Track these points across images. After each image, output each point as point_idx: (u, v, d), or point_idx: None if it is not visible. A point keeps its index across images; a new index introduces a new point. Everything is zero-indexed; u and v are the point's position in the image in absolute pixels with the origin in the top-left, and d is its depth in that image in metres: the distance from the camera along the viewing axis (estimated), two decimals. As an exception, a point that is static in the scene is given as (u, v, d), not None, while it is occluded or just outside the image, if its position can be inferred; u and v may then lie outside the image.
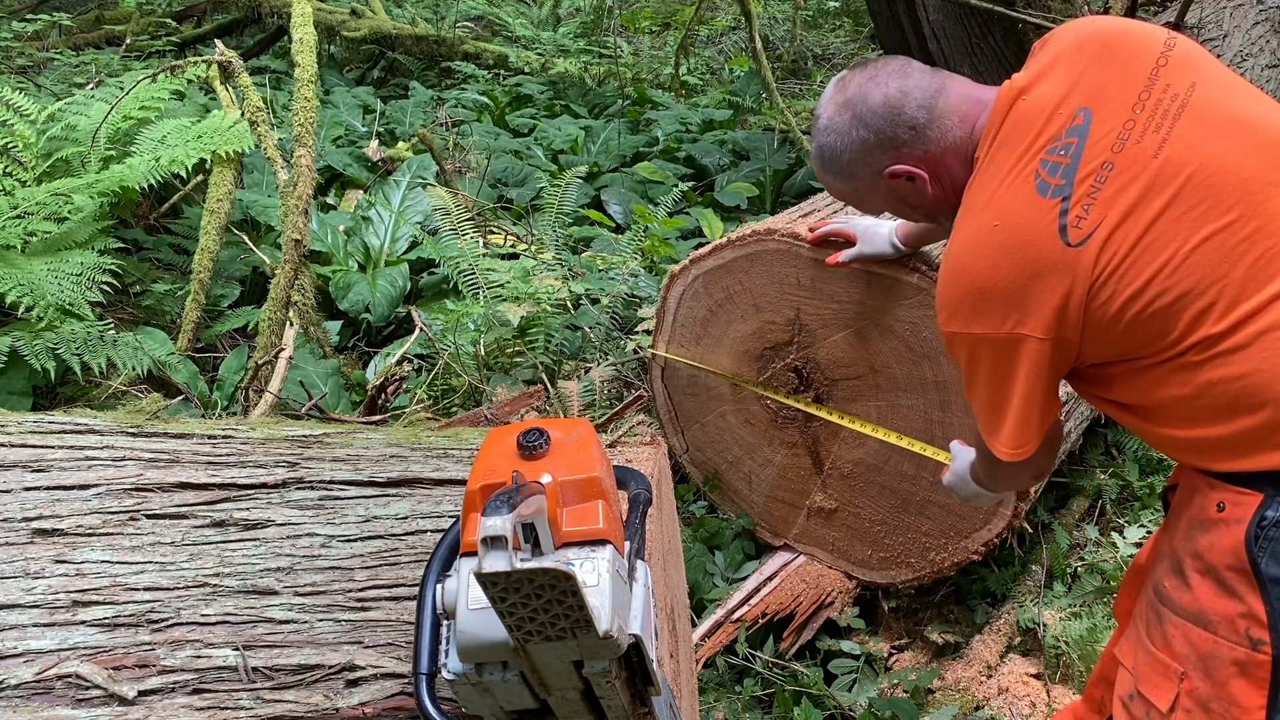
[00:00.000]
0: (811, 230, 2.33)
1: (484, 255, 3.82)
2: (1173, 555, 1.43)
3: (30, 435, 1.50)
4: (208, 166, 3.76)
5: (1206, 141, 1.31)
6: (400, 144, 5.60)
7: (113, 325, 3.10)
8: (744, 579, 2.70)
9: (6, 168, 3.69)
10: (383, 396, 2.70)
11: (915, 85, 1.47)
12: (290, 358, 3.00)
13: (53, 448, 1.47)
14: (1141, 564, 1.80)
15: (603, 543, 1.04)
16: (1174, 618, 1.39)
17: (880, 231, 2.20)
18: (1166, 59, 1.38)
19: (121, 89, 4.10)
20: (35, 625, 1.23)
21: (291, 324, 3.18)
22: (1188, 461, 1.44)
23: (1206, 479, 1.38)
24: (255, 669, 1.20)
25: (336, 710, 1.18)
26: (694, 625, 2.52)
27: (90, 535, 1.33)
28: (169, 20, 6.72)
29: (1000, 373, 1.40)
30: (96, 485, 1.41)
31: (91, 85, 4.90)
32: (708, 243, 2.77)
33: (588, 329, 3.49)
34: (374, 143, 5.46)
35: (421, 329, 3.36)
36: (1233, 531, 1.32)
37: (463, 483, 1.35)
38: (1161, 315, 1.31)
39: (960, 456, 1.81)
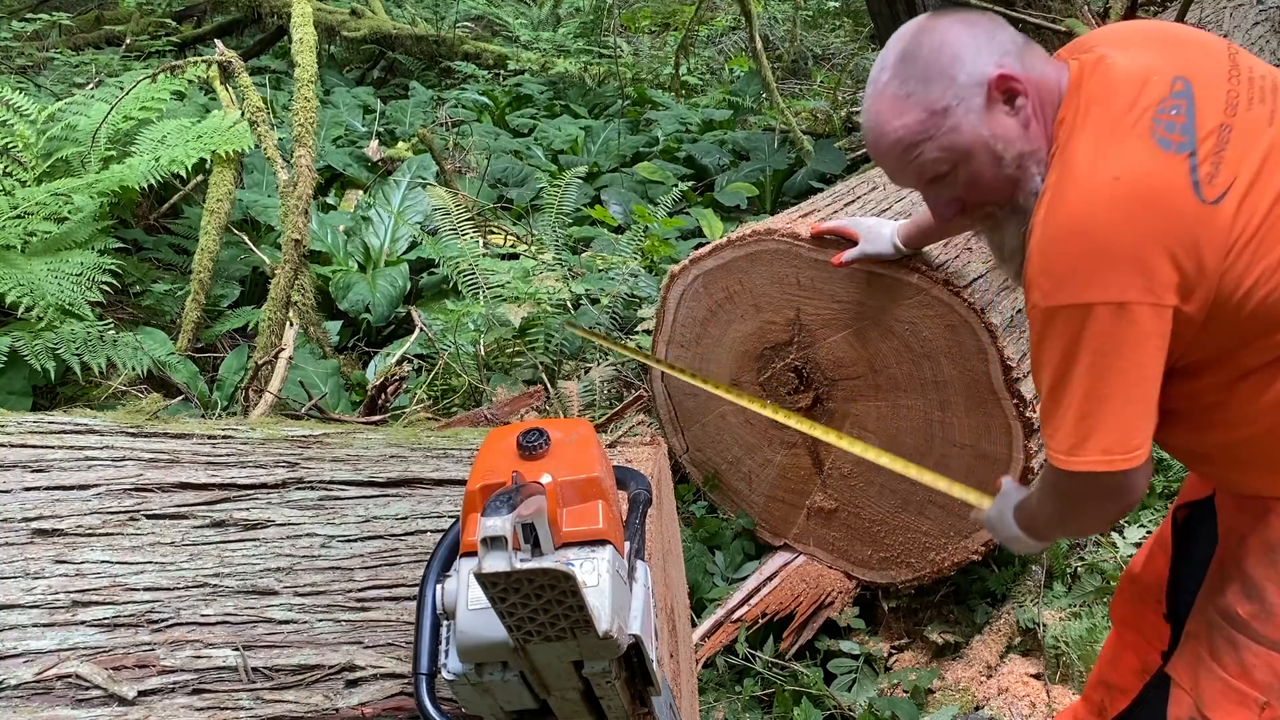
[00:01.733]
0: (813, 227, 2.32)
1: (484, 255, 3.82)
2: (1245, 580, 1.36)
3: (30, 435, 1.50)
4: (208, 166, 3.76)
5: None
6: (400, 144, 5.61)
7: (113, 325, 3.10)
8: (744, 579, 2.70)
9: (6, 168, 3.69)
10: (383, 396, 2.70)
11: (1001, 31, 1.32)
12: (290, 358, 3.00)
13: (53, 448, 1.47)
14: (1136, 572, 1.77)
15: (603, 543, 1.04)
16: (1255, 645, 1.34)
17: (882, 232, 2.18)
18: (1233, 47, 1.33)
19: (121, 89, 4.10)
20: (35, 625, 1.23)
21: (291, 324, 3.18)
22: (1250, 486, 1.37)
23: (1278, 500, 1.31)
24: (255, 669, 1.20)
25: (336, 710, 1.18)
26: (694, 625, 2.52)
27: (90, 535, 1.34)
28: (169, 20, 6.72)
29: (1111, 353, 1.21)
30: (96, 485, 1.41)
31: (91, 85, 4.90)
32: (708, 243, 2.77)
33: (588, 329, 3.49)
34: (374, 143, 5.46)
35: (421, 329, 3.36)
36: None
37: (463, 483, 1.35)
38: None
39: (1008, 494, 1.62)
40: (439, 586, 1.05)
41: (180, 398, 3.00)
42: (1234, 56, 1.31)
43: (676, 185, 4.43)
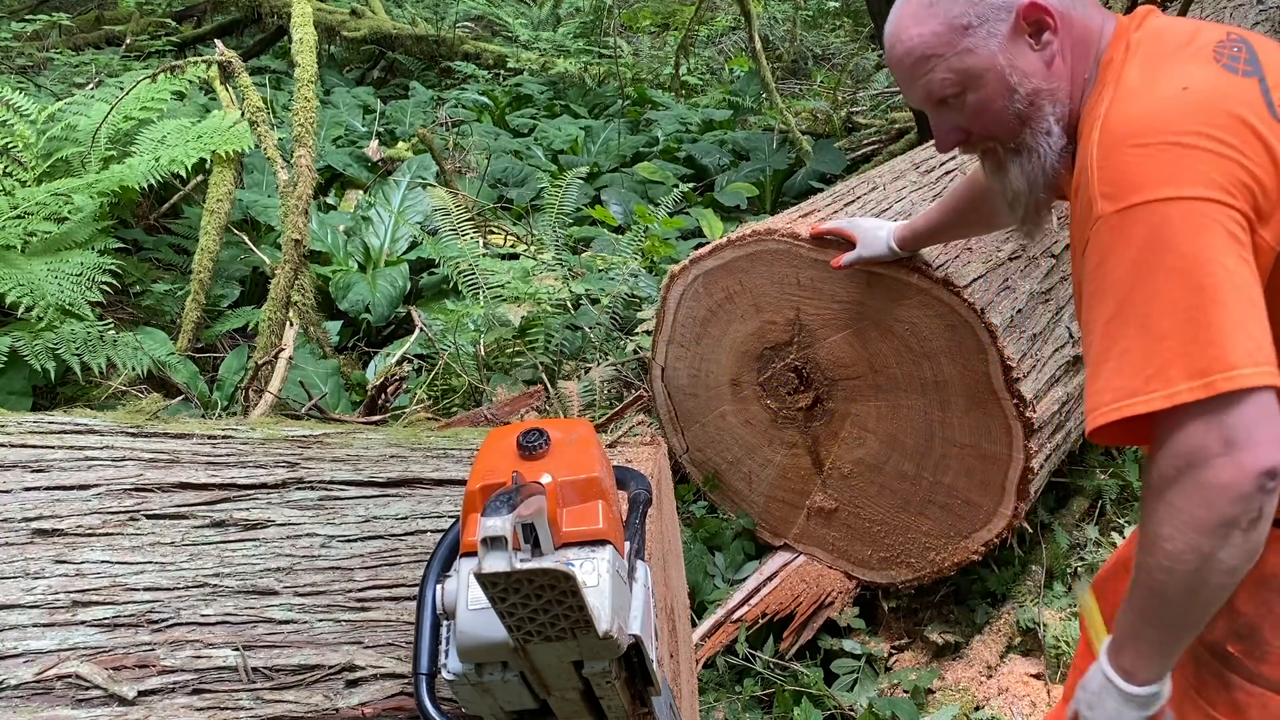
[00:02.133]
0: (813, 228, 2.31)
1: (484, 255, 3.83)
2: (1237, 618, 1.26)
3: (30, 435, 1.50)
4: (208, 166, 3.77)
5: None
6: (400, 144, 5.61)
7: (113, 325, 3.10)
8: (744, 579, 2.70)
9: (6, 168, 3.69)
10: (383, 396, 2.70)
11: None
12: (290, 358, 3.00)
13: (53, 448, 1.47)
14: (1099, 585, 1.71)
15: (603, 543, 1.04)
16: (1248, 685, 1.26)
17: (879, 234, 2.17)
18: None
19: (121, 89, 4.10)
20: (35, 625, 1.23)
21: (291, 324, 3.18)
22: None
23: (1273, 531, 1.13)
24: (255, 669, 1.20)
25: (336, 710, 1.18)
26: (694, 625, 2.53)
27: (90, 535, 1.33)
28: (169, 20, 6.72)
29: (1204, 253, 1.01)
30: (96, 485, 1.41)
31: (91, 85, 4.90)
32: (708, 243, 2.77)
33: (588, 329, 3.49)
34: (374, 143, 5.46)
35: (421, 329, 3.36)
36: None
37: (463, 483, 1.35)
38: None
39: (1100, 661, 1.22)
40: (439, 586, 1.05)
41: (180, 398, 3.00)
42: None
43: (676, 185, 4.43)
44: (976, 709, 2.39)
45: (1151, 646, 1.13)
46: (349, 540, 1.36)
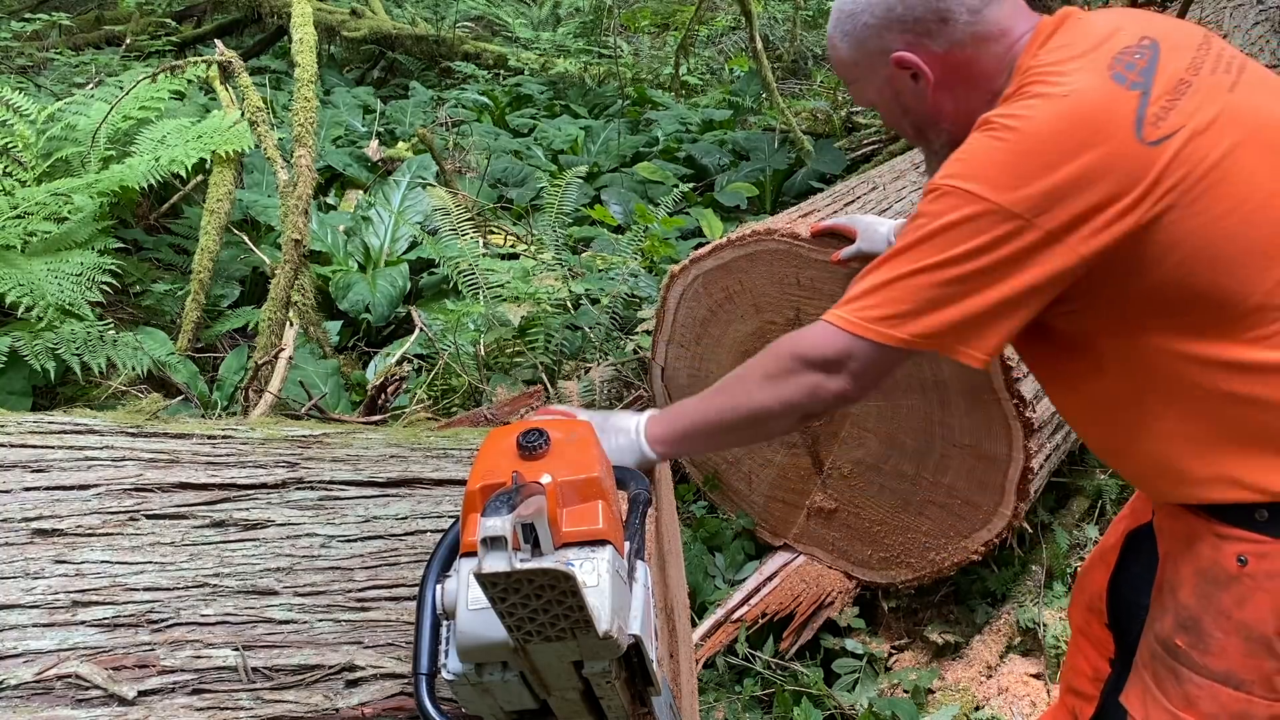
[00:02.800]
0: (812, 226, 2.31)
1: (484, 255, 3.82)
2: (1181, 611, 1.31)
3: (30, 435, 1.50)
4: (208, 166, 3.76)
5: (1272, 101, 1.24)
6: (400, 144, 5.61)
7: (113, 325, 3.10)
8: (744, 579, 2.70)
9: (6, 168, 3.69)
10: (383, 396, 2.70)
11: None
12: (290, 358, 3.00)
13: (53, 448, 1.47)
14: (1082, 580, 1.73)
15: (602, 543, 1.04)
16: (1196, 678, 1.30)
17: (879, 230, 2.17)
18: (1211, 33, 1.33)
19: (121, 89, 4.10)
20: (35, 625, 1.23)
21: (291, 324, 3.18)
22: (1165, 493, 1.32)
23: (1207, 524, 1.27)
24: (255, 669, 1.20)
25: (336, 710, 1.18)
26: (694, 625, 2.53)
27: (90, 535, 1.33)
28: (169, 20, 6.72)
29: (971, 257, 1.18)
30: (96, 485, 1.41)
31: (91, 85, 4.90)
32: (708, 243, 2.77)
33: (588, 329, 3.49)
34: (374, 143, 5.46)
35: (421, 329, 3.36)
36: (1266, 589, 1.22)
37: (463, 483, 1.35)
38: (1235, 265, 1.17)
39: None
40: (439, 586, 1.05)
41: (180, 398, 3.00)
42: (1209, 37, 1.32)
43: (676, 185, 4.43)
44: (976, 709, 2.39)
45: (681, 429, 1.37)
46: (349, 540, 1.36)
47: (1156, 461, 1.30)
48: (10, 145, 3.77)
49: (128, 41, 6.27)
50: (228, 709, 1.17)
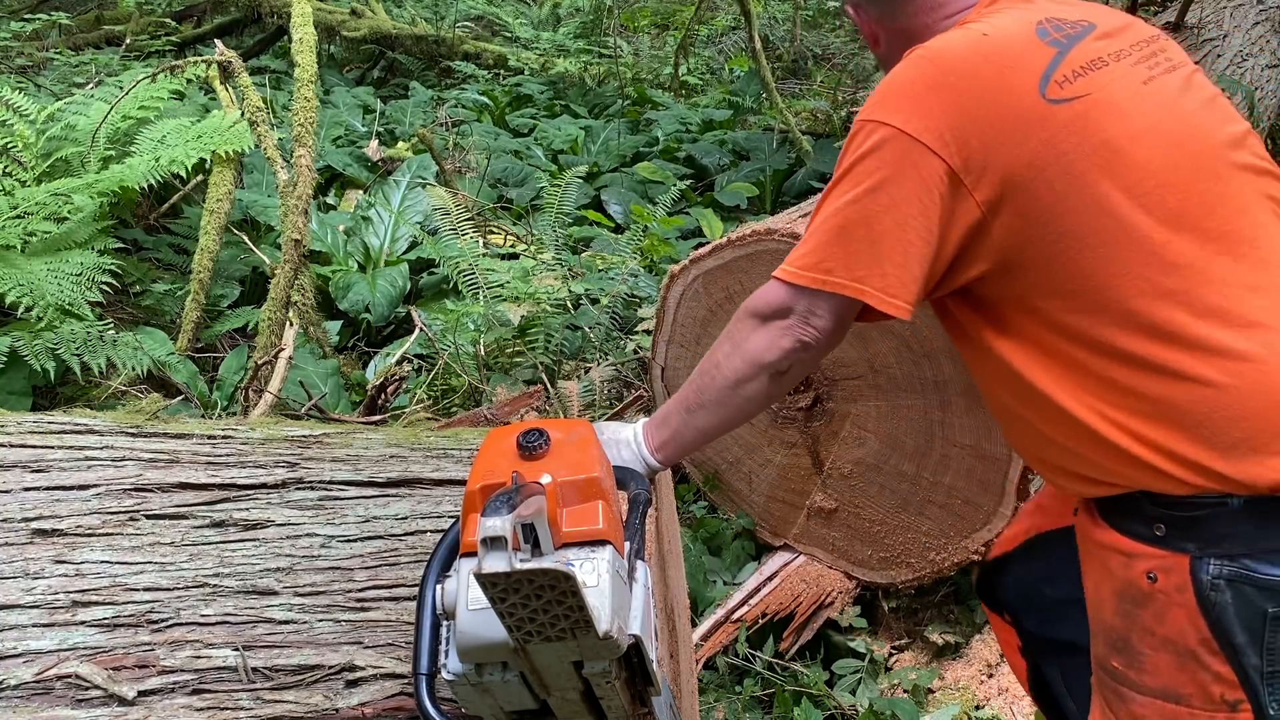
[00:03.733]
0: None
1: (484, 255, 3.82)
2: (1110, 633, 1.31)
3: (30, 435, 1.50)
4: (208, 166, 3.76)
5: (1181, 102, 1.27)
6: (400, 144, 5.61)
7: (113, 325, 3.10)
8: (744, 579, 2.69)
9: (6, 168, 3.69)
10: (383, 396, 2.70)
11: None
12: (290, 358, 3.00)
13: (52, 448, 1.47)
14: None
15: (602, 543, 1.04)
16: (1139, 697, 1.29)
17: None
18: (1166, 38, 1.36)
19: (121, 89, 4.10)
20: (35, 625, 1.23)
21: (291, 324, 3.18)
22: (1079, 486, 1.31)
23: (1114, 538, 1.26)
24: (255, 669, 1.20)
25: (336, 710, 1.18)
26: (694, 625, 2.52)
27: (90, 535, 1.34)
28: (169, 20, 6.72)
29: (886, 186, 1.20)
30: (96, 485, 1.41)
31: (91, 85, 4.90)
32: (708, 243, 2.77)
33: (588, 329, 3.49)
34: (374, 143, 5.46)
35: (421, 329, 3.36)
36: (1179, 603, 1.21)
37: (463, 483, 1.35)
38: (1131, 236, 1.17)
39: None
40: (439, 586, 1.05)
41: (180, 398, 3.00)
42: (1159, 39, 1.34)
43: (676, 185, 4.43)
44: (976, 709, 2.39)
45: (670, 427, 1.38)
46: (349, 540, 1.36)
47: (1066, 449, 1.28)
48: (10, 145, 3.77)
49: (127, 41, 6.27)
50: (228, 709, 1.17)
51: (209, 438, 1.55)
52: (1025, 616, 1.68)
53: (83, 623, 1.23)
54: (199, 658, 1.21)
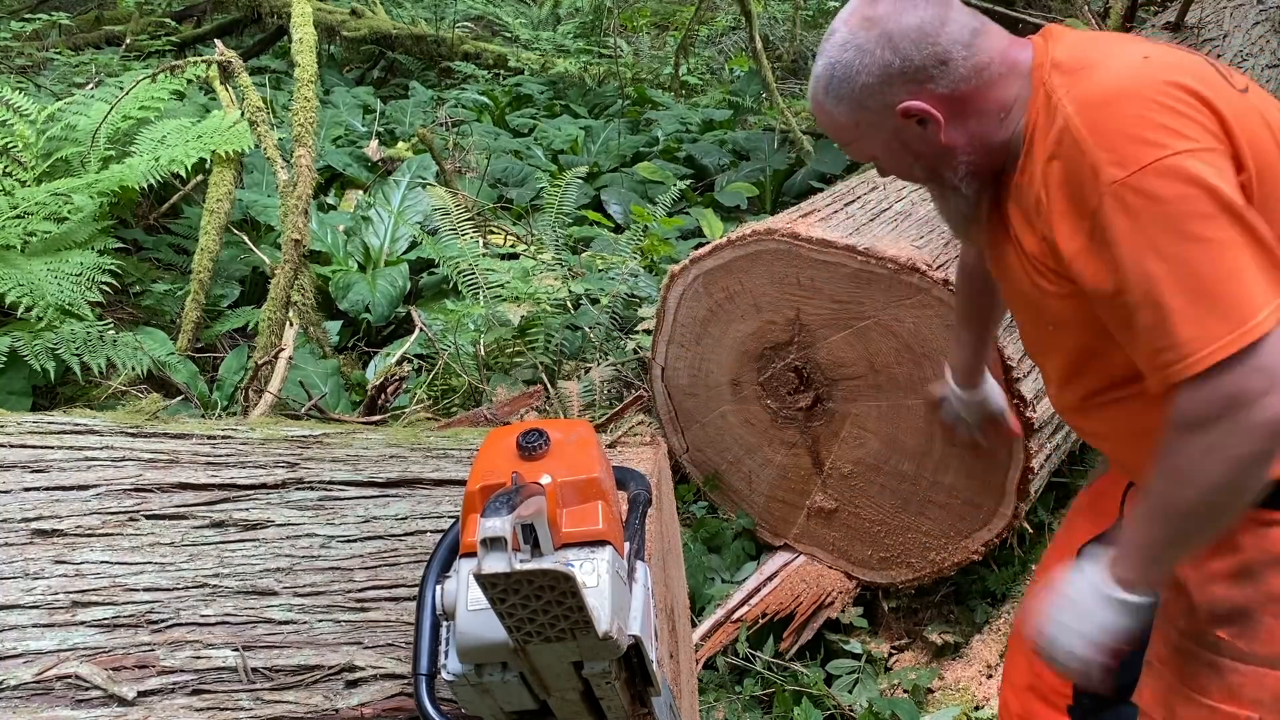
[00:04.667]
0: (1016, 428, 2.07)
1: (484, 255, 3.82)
2: (1218, 605, 1.30)
3: (30, 435, 1.50)
4: (208, 166, 3.76)
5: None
6: (400, 144, 5.60)
7: (112, 325, 3.10)
8: (744, 579, 2.69)
9: (6, 168, 3.69)
10: (382, 396, 2.70)
11: (955, 16, 1.29)
12: (290, 358, 2.99)
13: (52, 448, 1.47)
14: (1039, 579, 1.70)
15: (602, 544, 1.04)
16: (1241, 667, 1.29)
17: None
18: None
19: (121, 89, 4.09)
20: (35, 626, 1.23)
21: (291, 324, 3.18)
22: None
23: (1248, 515, 1.22)
24: (255, 669, 1.20)
25: (336, 711, 1.18)
26: (694, 625, 2.52)
27: (90, 536, 1.33)
28: (169, 20, 6.71)
29: (1225, 199, 1.09)
30: (96, 486, 1.41)
31: (91, 85, 4.90)
32: (708, 243, 2.77)
33: (588, 329, 3.49)
34: (374, 143, 5.46)
35: (421, 329, 3.36)
36: None
37: (462, 483, 1.35)
38: None
39: (1082, 569, 1.31)
40: (439, 587, 1.05)
41: (180, 398, 3.00)
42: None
43: (676, 185, 4.43)
44: (976, 709, 2.39)
45: (1157, 560, 1.25)
46: (349, 540, 1.36)
47: None
48: (10, 145, 3.77)
49: (128, 41, 6.27)
50: (227, 709, 1.17)
51: (209, 438, 1.55)
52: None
53: (83, 623, 1.23)
54: (199, 658, 1.21)
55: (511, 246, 4.28)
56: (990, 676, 2.50)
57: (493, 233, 4.43)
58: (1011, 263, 1.38)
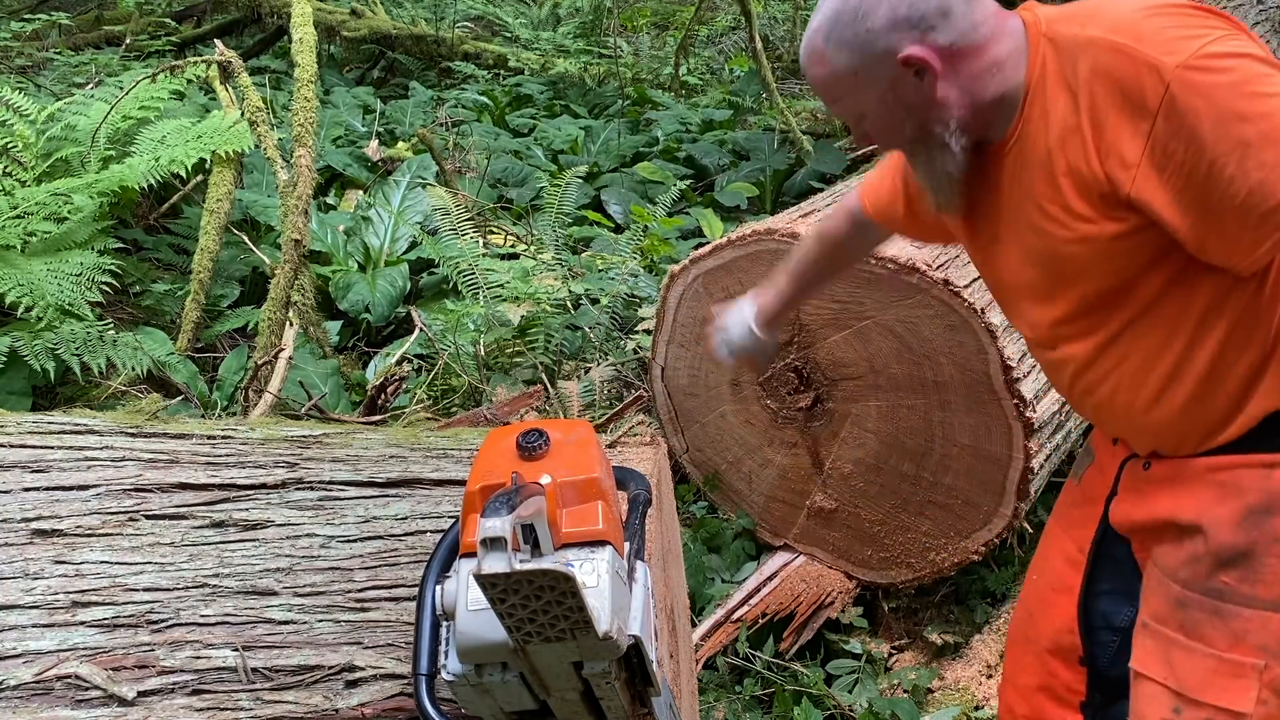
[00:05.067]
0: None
1: (484, 255, 3.82)
2: (1224, 550, 1.33)
3: (30, 435, 1.50)
4: (208, 166, 3.76)
5: None
6: (400, 144, 5.61)
7: (112, 325, 3.10)
8: (744, 579, 2.69)
9: (6, 168, 3.69)
10: (382, 396, 2.70)
11: None
12: (290, 358, 3.00)
13: (52, 448, 1.47)
14: (1029, 618, 1.70)
15: (602, 544, 1.04)
16: (1247, 611, 1.31)
17: (743, 316, 1.94)
18: None
19: (121, 89, 4.10)
20: (35, 626, 1.23)
21: (291, 324, 3.18)
22: (1204, 437, 1.34)
23: (1251, 459, 1.31)
24: (255, 670, 1.20)
25: (336, 711, 1.18)
26: (694, 625, 2.52)
27: (90, 536, 1.33)
28: (169, 20, 6.72)
29: (1270, 64, 1.17)
30: (96, 486, 1.41)
31: (91, 85, 4.90)
32: (708, 242, 2.77)
33: (588, 329, 3.49)
34: (374, 143, 5.46)
35: (421, 329, 3.36)
36: None
37: (462, 483, 1.35)
38: None
39: None
40: (439, 587, 1.05)
41: (180, 398, 3.00)
42: None
43: (676, 185, 4.43)
44: (976, 709, 2.39)
45: None
46: (349, 540, 1.36)
47: (1206, 395, 1.32)
48: (10, 145, 3.77)
49: (127, 41, 6.27)
50: (227, 709, 1.17)
51: (209, 438, 1.55)
52: (1100, 646, 1.61)
53: (82, 623, 1.23)
54: (199, 658, 1.21)
55: (511, 246, 4.28)
56: (990, 676, 2.50)
57: (493, 233, 4.44)
58: (1005, 231, 1.39)
